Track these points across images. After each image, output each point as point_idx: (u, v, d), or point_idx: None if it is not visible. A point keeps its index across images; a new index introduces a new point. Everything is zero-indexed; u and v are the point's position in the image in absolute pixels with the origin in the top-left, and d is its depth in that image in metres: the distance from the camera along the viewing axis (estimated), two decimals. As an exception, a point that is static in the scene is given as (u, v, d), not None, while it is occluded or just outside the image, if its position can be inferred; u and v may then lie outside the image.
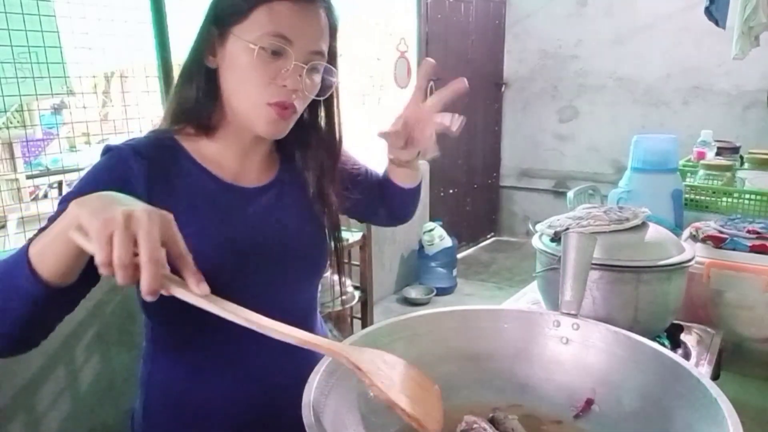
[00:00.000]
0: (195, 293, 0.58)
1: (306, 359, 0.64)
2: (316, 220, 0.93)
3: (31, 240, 0.64)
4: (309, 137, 0.92)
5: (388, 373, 0.60)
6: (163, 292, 0.57)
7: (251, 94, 0.78)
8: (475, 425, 0.66)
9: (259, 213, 0.87)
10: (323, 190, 0.93)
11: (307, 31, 0.78)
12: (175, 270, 0.59)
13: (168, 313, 0.83)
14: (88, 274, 0.65)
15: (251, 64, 0.77)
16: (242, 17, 0.77)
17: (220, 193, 0.84)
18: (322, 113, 0.93)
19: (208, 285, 0.60)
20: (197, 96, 0.82)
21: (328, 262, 0.97)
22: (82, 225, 0.57)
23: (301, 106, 0.82)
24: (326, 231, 0.95)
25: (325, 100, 0.88)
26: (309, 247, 0.92)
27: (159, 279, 0.55)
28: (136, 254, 0.55)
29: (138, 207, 0.57)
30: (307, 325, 0.94)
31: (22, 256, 0.63)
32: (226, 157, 0.86)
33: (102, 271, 0.55)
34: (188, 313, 0.79)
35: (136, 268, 0.55)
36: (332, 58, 0.85)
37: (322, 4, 0.81)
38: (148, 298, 0.55)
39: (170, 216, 0.59)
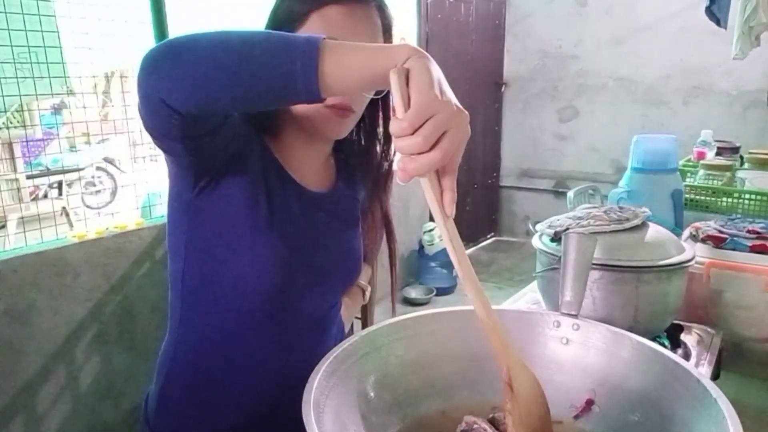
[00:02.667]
0: (443, 210, 0.57)
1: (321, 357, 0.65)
2: (358, 236, 0.96)
3: (317, 42, 0.57)
4: (369, 141, 0.94)
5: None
6: (419, 178, 0.56)
7: None
8: (475, 425, 0.66)
9: (322, 220, 0.89)
10: (375, 196, 0.95)
11: (359, 32, 0.79)
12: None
13: (205, 296, 0.84)
14: None
15: None
16: (298, 25, 0.79)
17: (295, 193, 0.85)
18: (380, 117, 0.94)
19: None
20: None
21: None
22: (413, 72, 0.55)
23: (359, 106, 0.83)
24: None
25: (383, 103, 0.90)
26: (354, 262, 0.95)
27: (431, 170, 0.55)
28: None
29: (457, 103, 0.56)
30: (331, 324, 0.96)
31: (308, 50, 0.57)
32: (293, 156, 0.86)
33: (394, 130, 0.53)
34: (225, 299, 0.82)
35: None
36: None
37: (374, 4, 0.82)
38: (401, 180, 0.55)
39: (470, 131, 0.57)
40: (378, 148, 0.95)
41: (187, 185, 0.78)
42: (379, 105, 0.91)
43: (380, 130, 0.94)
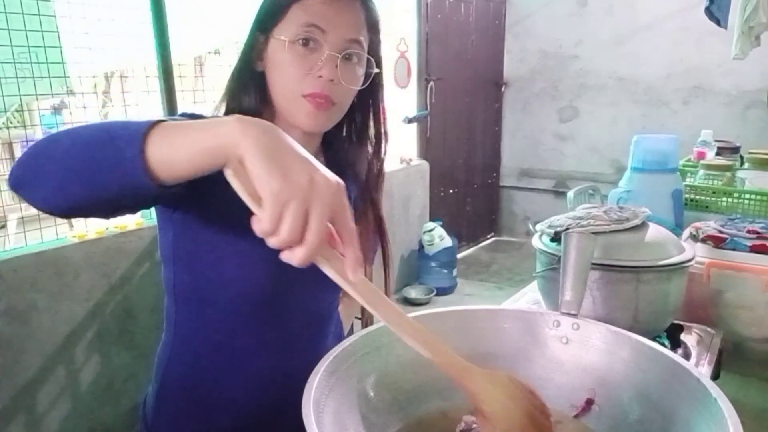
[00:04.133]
0: (347, 278, 0.54)
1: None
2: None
3: (148, 125, 0.55)
4: (360, 141, 0.94)
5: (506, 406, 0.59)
6: (314, 262, 0.52)
7: (289, 88, 0.80)
8: (474, 425, 0.66)
9: None
10: (366, 196, 0.94)
11: (340, 20, 0.80)
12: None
13: (197, 300, 0.84)
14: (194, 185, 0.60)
15: (288, 58, 0.79)
16: (280, 18, 0.80)
17: None
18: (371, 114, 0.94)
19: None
20: (249, 99, 0.84)
21: None
22: (246, 161, 0.50)
23: (340, 98, 0.82)
24: None
25: (374, 100, 0.90)
26: None
27: (316, 254, 0.51)
28: None
29: (317, 169, 0.51)
30: (328, 323, 0.96)
31: (135, 136, 0.55)
32: None
33: (258, 232, 0.50)
34: (217, 302, 0.82)
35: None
36: (375, 52, 0.86)
37: None
38: (295, 264, 0.51)
39: (343, 184, 0.53)
40: (369, 148, 0.94)
41: (162, 208, 0.80)
42: (370, 102, 0.91)
43: (371, 128, 0.94)
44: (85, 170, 0.57)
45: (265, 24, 0.82)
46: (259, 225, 0.50)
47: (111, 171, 0.56)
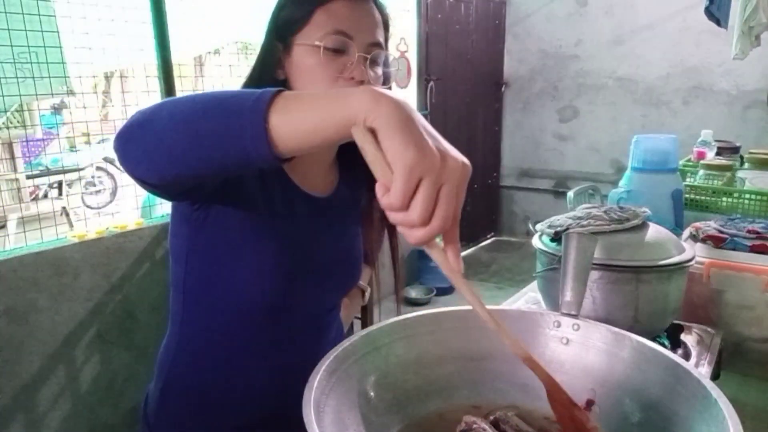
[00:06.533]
0: (451, 266, 0.52)
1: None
2: (358, 237, 0.97)
3: (270, 95, 0.53)
4: None
5: None
6: (424, 248, 0.51)
7: None
8: (474, 425, 0.66)
9: (324, 224, 0.89)
10: (376, 201, 0.95)
11: (364, 25, 0.81)
12: None
13: (207, 300, 0.85)
14: None
15: (318, 63, 0.79)
16: (303, 24, 0.80)
17: (298, 199, 0.86)
18: None
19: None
20: None
21: None
22: (380, 133, 0.47)
23: None
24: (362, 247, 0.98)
25: None
26: (354, 264, 0.96)
27: (434, 238, 0.49)
28: None
29: (450, 149, 0.49)
30: (330, 326, 0.97)
31: (258, 105, 0.52)
32: (299, 162, 0.86)
33: (385, 206, 0.47)
34: (227, 304, 0.83)
35: None
36: (387, 49, 0.87)
37: (372, 1, 0.84)
38: (412, 243, 0.49)
39: (470, 167, 0.51)
40: None
41: (185, 205, 0.80)
42: None
43: None
44: (201, 142, 0.55)
45: (284, 31, 0.81)
46: (388, 198, 0.47)
47: (231, 142, 0.53)
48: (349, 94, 0.50)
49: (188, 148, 0.56)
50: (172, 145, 0.57)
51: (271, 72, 0.83)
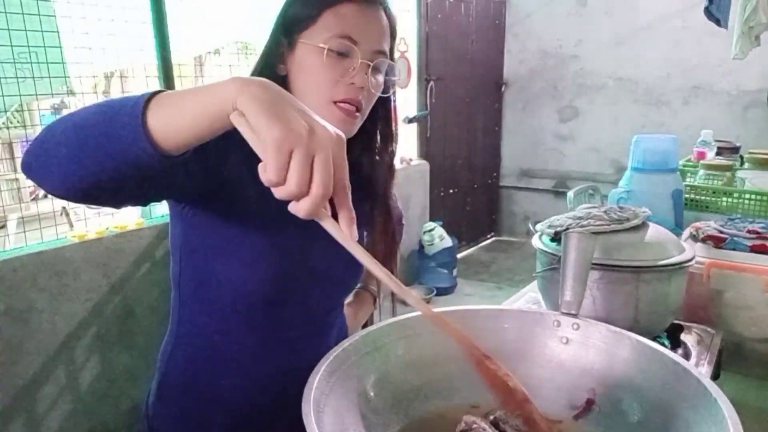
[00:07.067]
0: (344, 233, 0.53)
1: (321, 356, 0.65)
2: (361, 241, 0.96)
3: (147, 95, 0.55)
4: (370, 142, 0.94)
5: None
6: (315, 219, 0.52)
7: (320, 93, 0.80)
8: (474, 425, 0.66)
9: (320, 225, 0.89)
10: (379, 201, 0.95)
11: (371, 32, 0.81)
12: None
13: (201, 296, 0.85)
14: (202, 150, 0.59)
15: (321, 65, 0.79)
16: (310, 23, 0.80)
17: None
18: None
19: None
20: None
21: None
22: (247, 115, 0.50)
23: (366, 105, 0.83)
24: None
25: (384, 106, 0.90)
26: (353, 266, 0.94)
27: (321, 207, 0.51)
28: None
29: (317, 120, 0.51)
30: (330, 328, 0.96)
31: (135, 106, 0.54)
32: None
33: (266, 182, 0.49)
34: (220, 299, 0.83)
35: None
36: (391, 57, 0.87)
37: (381, 5, 0.83)
38: (301, 216, 0.50)
39: (344, 136, 0.53)
40: (378, 148, 0.94)
41: (172, 202, 0.80)
42: (384, 105, 0.91)
43: (384, 129, 0.94)
44: (88, 147, 0.56)
45: (291, 28, 0.81)
46: (265, 175, 0.49)
47: (114, 143, 0.55)
48: (217, 85, 0.53)
49: (81, 155, 0.57)
50: (67, 154, 0.57)
51: (272, 66, 0.83)
